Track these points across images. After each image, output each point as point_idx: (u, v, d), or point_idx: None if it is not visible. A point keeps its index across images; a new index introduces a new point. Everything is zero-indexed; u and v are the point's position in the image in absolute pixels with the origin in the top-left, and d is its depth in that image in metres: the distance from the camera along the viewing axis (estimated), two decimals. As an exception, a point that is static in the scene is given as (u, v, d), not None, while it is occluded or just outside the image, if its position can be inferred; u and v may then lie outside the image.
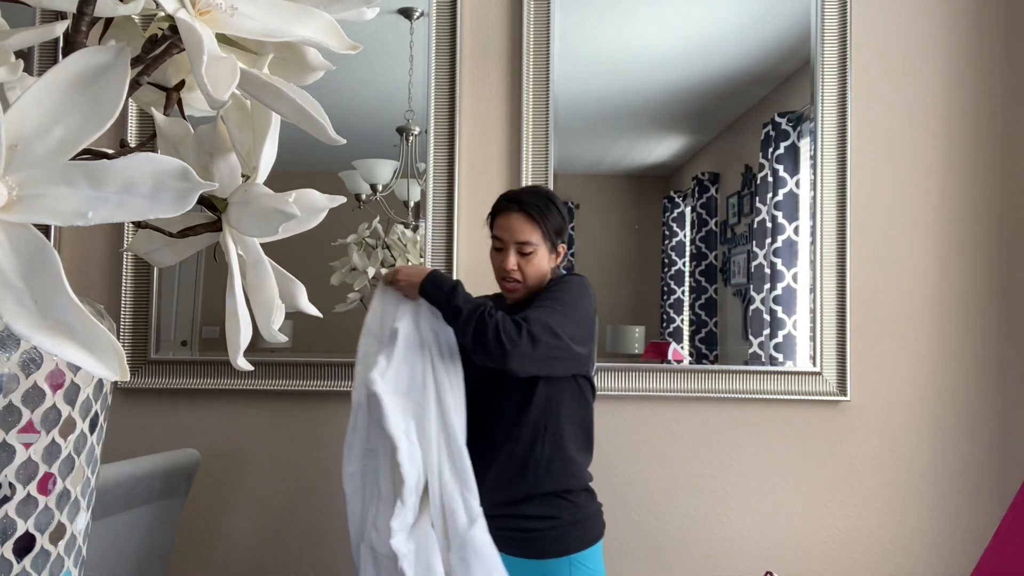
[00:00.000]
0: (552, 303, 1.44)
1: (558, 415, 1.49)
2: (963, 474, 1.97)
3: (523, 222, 1.52)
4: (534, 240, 1.52)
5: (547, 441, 1.48)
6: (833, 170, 1.97)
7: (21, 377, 0.63)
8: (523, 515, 1.47)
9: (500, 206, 1.57)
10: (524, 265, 1.53)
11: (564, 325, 1.41)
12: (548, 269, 1.56)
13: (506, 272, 1.53)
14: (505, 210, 1.54)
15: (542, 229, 1.52)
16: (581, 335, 1.46)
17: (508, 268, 1.52)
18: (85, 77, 0.48)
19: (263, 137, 0.68)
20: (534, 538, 1.46)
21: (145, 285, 1.96)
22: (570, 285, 1.50)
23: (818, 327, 1.95)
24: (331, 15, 0.62)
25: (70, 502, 0.70)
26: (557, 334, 1.39)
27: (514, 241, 1.52)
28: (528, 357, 1.36)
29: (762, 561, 1.96)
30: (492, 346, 1.34)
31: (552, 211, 1.54)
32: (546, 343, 1.37)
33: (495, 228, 1.56)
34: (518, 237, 1.52)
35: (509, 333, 1.34)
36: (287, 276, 0.74)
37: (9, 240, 0.45)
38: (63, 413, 0.67)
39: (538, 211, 1.52)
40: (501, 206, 1.56)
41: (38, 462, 0.65)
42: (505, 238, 1.53)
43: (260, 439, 1.98)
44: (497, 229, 1.55)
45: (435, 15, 1.98)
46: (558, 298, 1.46)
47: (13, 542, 0.64)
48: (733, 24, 2.01)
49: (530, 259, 1.52)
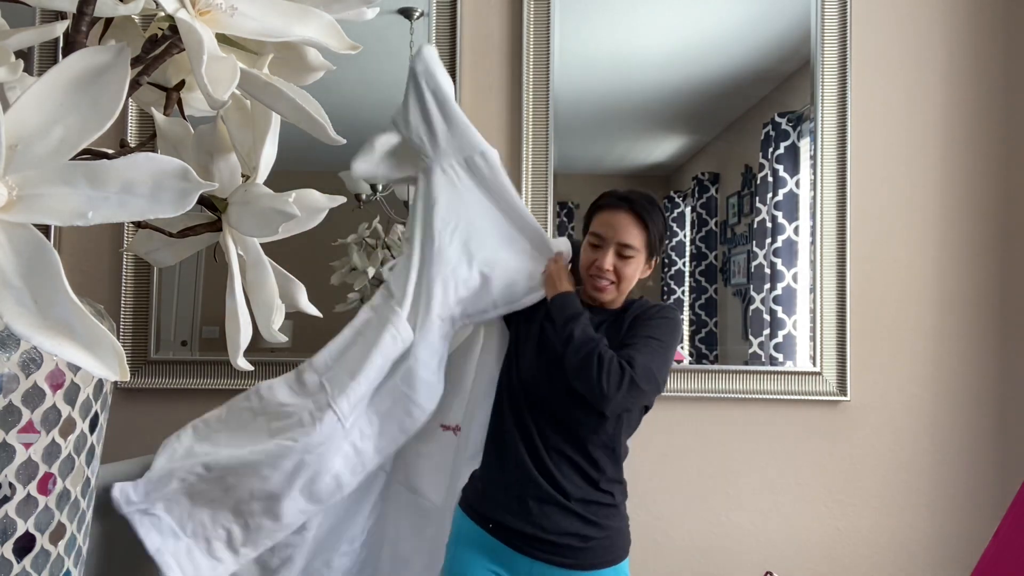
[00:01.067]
0: (657, 344, 1.38)
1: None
2: (963, 474, 1.97)
3: (631, 223, 1.44)
4: (637, 244, 1.44)
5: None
6: (833, 170, 1.97)
7: (21, 377, 0.63)
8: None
9: (607, 202, 1.49)
10: (621, 268, 1.45)
11: (663, 369, 1.38)
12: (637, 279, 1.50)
13: (602, 272, 1.45)
14: (612, 207, 1.46)
15: (647, 235, 1.45)
16: (667, 374, 1.42)
17: (605, 268, 1.44)
18: (85, 77, 0.48)
19: (263, 137, 0.68)
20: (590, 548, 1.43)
21: (145, 285, 1.96)
22: (672, 323, 1.45)
23: (818, 327, 1.95)
24: (331, 15, 0.62)
25: (70, 502, 0.70)
26: (657, 382, 1.36)
27: (616, 241, 1.44)
28: (623, 404, 1.33)
29: (762, 561, 1.96)
30: (594, 385, 1.30)
31: (658, 218, 1.47)
32: (644, 391, 1.33)
33: (596, 224, 1.48)
34: (623, 238, 1.43)
35: (612, 378, 1.30)
36: (287, 276, 0.74)
37: (9, 240, 0.45)
38: (63, 413, 0.67)
39: (648, 215, 1.45)
40: (608, 202, 1.48)
41: (38, 462, 0.65)
42: (607, 236, 1.45)
43: (260, 439, 1.98)
44: (599, 225, 1.47)
45: (435, 15, 1.98)
46: (662, 338, 1.40)
47: (13, 542, 0.64)
48: (733, 24, 2.01)
49: (628, 263, 1.45)
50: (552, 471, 1.41)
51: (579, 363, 1.33)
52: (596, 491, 1.42)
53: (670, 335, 1.42)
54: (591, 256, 1.47)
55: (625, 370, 1.31)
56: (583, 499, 1.40)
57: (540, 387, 1.44)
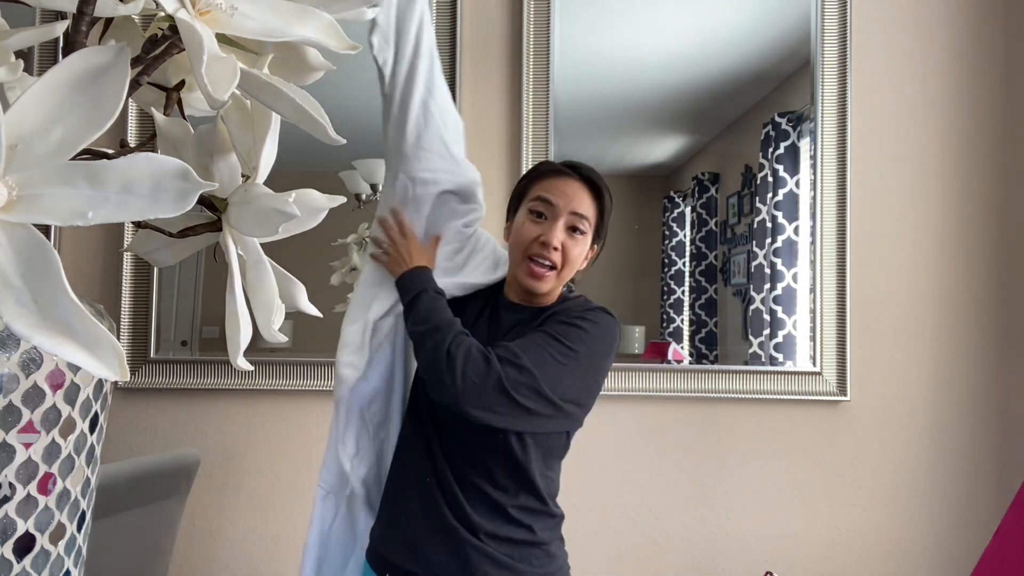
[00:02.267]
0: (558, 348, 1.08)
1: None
2: (963, 474, 1.97)
3: (584, 193, 1.19)
4: (590, 218, 1.19)
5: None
6: (833, 170, 1.97)
7: (21, 377, 0.63)
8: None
9: (550, 169, 1.23)
10: (569, 247, 1.18)
11: (562, 383, 1.07)
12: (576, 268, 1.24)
13: (547, 249, 1.16)
14: (560, 174, 1.21)
15: (599, 212, 1.21)
16: (582, 399, 1.13)
17: (553, 244, 1.16)
18: (85, 77, 0.48)
19: (263, 137, 0.68)
20: None
21: (145, 285, 1.96)
22: (594, 332, 1.13)
23: (818, 327, 1.95)
24: (331, 15, 0.62)
25: (70, 502, 0.70)
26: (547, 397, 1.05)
27: (570, 210, 1.17)
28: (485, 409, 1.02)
29: (762, 561, 1.96)
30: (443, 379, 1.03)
31: (609, 195, 1.23)
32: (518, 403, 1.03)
33: (540, 189, 1.20)
34: (576, 207, 1.17)
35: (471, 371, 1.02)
36: (287, 276, 0.74)
37: (9, 240, 0.45)
38: (63, 413, 0.67)
39: (601, 185, 1.21)
40: (553, 169, 1.22)
41: (38, 462, 0.65)
42: (559, 204, 1.17)
43: (260, 439, 1.98)
44: (546, 190, 1.19)
45: (435, 15, 1.98)
46: (570, 346, 1.09)
47: (13, 542, 0.64)
48: (733, 24, 2.01)
49: (577, 243, 1.19)
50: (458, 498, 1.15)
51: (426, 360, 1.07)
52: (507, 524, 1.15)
53: (586, 345, 1.11)
54: (533, 230, 1.18)
55: (492, 367, 1.03)
56: (492, 534, 1.13)
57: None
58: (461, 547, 1.13)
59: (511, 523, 1.15)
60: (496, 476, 1.15)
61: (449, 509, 1.15)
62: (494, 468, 1.15)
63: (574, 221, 1.18)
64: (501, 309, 1.26)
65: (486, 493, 1.15)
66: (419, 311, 1.15)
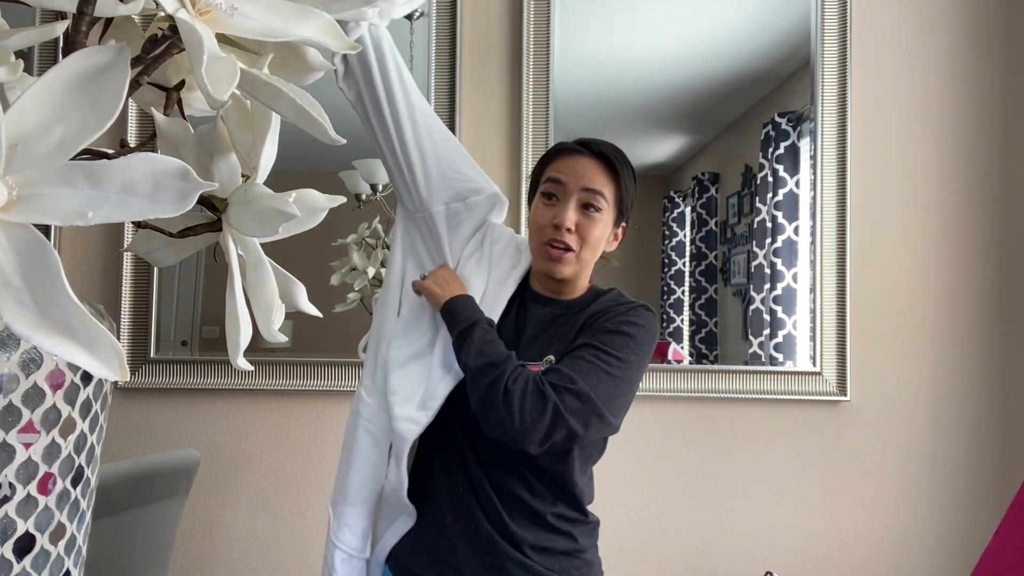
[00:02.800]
0: (609, 362, 1.03)
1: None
2: (963, 474, 1.97)
3: (598, 169, 1.12)
4: (606, 194, 1.12)
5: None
6: (833, 170, 1.97)
7: (21, 377, 0.63)
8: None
9: (562, 148, 1.17)
10: (585, 227, 1.11)
11: (617, 399, 1.04)
12: (601, 251, 1.17)
13: (559, 232, 1.10)
14: (571, 152, 1.15)
15: (616, 186, 1.13)
16: (628, 405, 1.09)
17: (566, 225, 1.10)
18: (85, 77, 0.48)
19: (263, 137, 0.68)
20: None
21: (145, 285, 1.96)
22: (641, 338, 1.08)
23: (818, 327, 1.95)
24: (331, 15, 0.62)
25: (70, 502, 0.70)
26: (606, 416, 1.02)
27: (580, 188, 1.11)
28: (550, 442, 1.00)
29: (762, 561, 1.96)
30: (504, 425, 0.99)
31: (629, 169, 1.15)
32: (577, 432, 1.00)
33: (552, 170, 1.15)
34: (588, 183, 1.11)
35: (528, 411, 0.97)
36: (287, 276, 0.74)
37: (9, 240, 0.45)
38: (63, 413, 0.67)
39: (617, 161, 1.13)
40: (564, 148, 1.16)
41: (38, 462, 0.65)
42: (568, 182, 1.11)
43: (260, 439, 1.98)
44: (555, 170, 1.14)
45: (435, 15, 1.98)
46: (621, 357, 1.04)
47: (13, 542, 0.64)
48: (733, 24, 2.01)
49: (594, 222, 1.11)
50: (497, 508, 1.10)
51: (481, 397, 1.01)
52: (547, 533, 1.12)
53: (635, 352, 1.07)
54: (545, 214, 1.13)
55: (549, 399, 0.98)
56: (533, 545, 1.10)
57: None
58: (500, 560, 1.09)
59: (551, 532, 1.12)
60: (534, 485, 1.11)
61: (488, 520, 1.10)
62: (532, 478, 1.11)
63: (587, 198, 1.11)
64: (529, 302, 1.19)
65: (524, 501, 1.10)
66: (473, 343, 1.06)
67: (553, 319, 1.16)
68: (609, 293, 1.18)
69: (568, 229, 1.10)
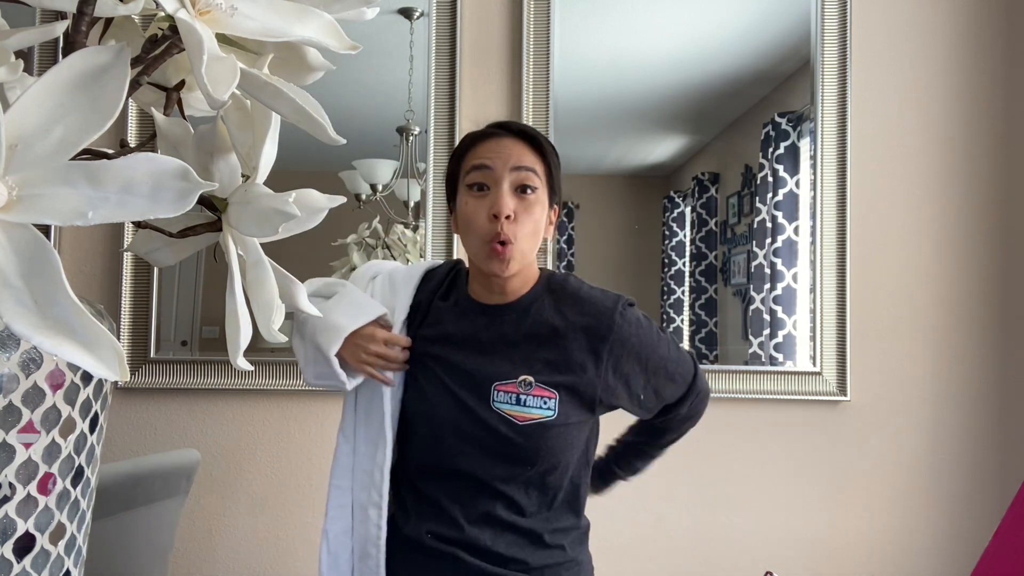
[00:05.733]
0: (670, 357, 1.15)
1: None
2: (963, 474, 1.97)
3: (523, 147, 1.05)
4: (539, 171, 1.04)
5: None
6: (833, 170, 1.97)
7: (21, 377, 0.63)
8: None
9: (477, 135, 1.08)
10: (522, 214, 1.02)
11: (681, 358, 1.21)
12: (543, 238, 1.09)
13: (498, 223, 1.01)
14: (489, 136, 1.06)
15: (545, 163, 1.06)
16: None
17: (505, 212, 1.00)
18: (85, 77, 0.48)
19: (263, 137, 0.68)
20: None
21: (145, 285, 1.96)
22: (658, 332, 1.14)
23: (818, 327, 1.95)
24: (331, 15, 0.62)
25: (70, 502, 0.70)
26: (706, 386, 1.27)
27: (511, 167, 1.02)
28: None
29: (762, 561, 1.96)
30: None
31: (550, 148, 1.09)
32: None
33: (473, 157, 1.05)
34: (517, 161, 1.03)
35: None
36: (287, 276, 0.74)
37: (9, 240, 0.45)
38: (63, 413, 0.67)
39: (540, 137, 1.07)
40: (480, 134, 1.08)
41: (38, 462, 0.65)
42: (496, 165, 1.02)
43: (260, 439, 1.98)
44: (477, 156, 1.05)
45: (435, 15, 1.98)
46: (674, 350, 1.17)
47: (13, 542, 0.64)
48: (733, 24, 2.01)
49: (531, 205, 1.03)
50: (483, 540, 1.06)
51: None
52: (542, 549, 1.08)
53: (669, 342, 1.16)
54: (479, 207, 1.03)
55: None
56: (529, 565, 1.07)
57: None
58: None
59: (544, 548, 1.09)
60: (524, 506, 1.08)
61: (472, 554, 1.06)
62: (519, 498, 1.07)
63: (520, 178, 1.02)
64: (475, 315, 1.10)
65: (515, 525, 1.07)
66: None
67: (514, 328, 1.08)
68: (567, 285, 1.11)
69: (508, 216, 1.01)
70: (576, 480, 1.12)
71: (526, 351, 1.06)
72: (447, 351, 1.09)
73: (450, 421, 1.06)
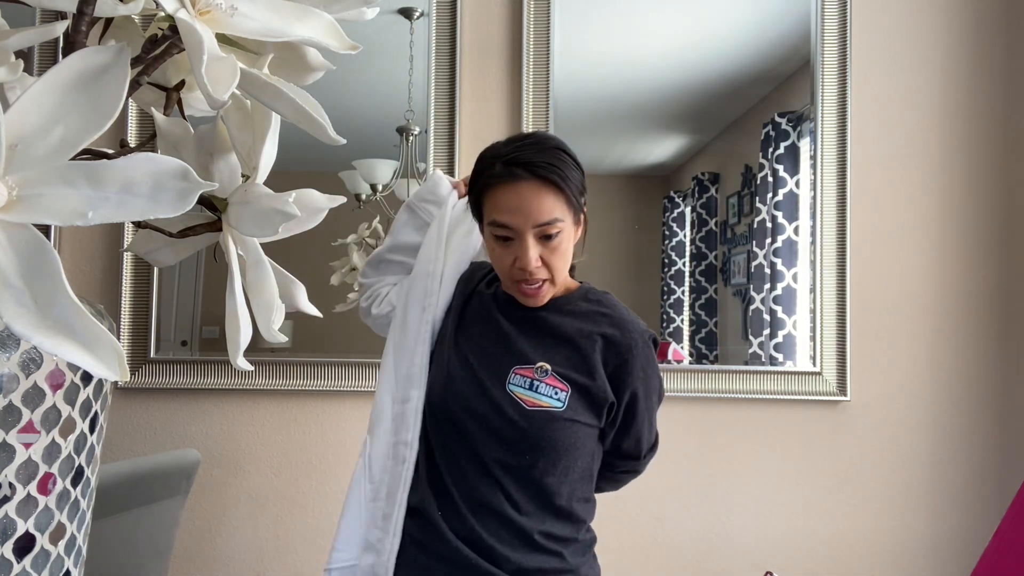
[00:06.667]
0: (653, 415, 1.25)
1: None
2: (963, 474, 1.97)
3: (543, 194, 1.02)
4: (559, 216, 1.03)
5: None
6: (833, 170, 1.97)
7: (21, 377, 0.63)
8: None
9: (495, 179, 1.05)
10: (550, 257, 1.05)
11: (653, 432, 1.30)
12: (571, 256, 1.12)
13: (527, 274, 1.04)
14: (509, 179, 1.03)
15: (567, 196, 1.04)
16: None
17: (531, 267, 1.03)
18: (85, 77, 0.48)
19: (263, 137, 0.68)
20: None
21: (145, 285, 1.96)
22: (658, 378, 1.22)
23: (818, 327, 1.95)
24: (331, 15, 0.62)
25: (70, 502, 0.70)
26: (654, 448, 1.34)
27: (532, 226, 1.02)
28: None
29: (762, 561, 1.96)
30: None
31: (569, 164, 1.05)
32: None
33: (493, 209, 1.05)
34: (538, 218, 1.02)
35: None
36: (287, 276, 0.74)
37: (9, 240, 0.45)
38: (63, 413, 0.67)
39: (558, 173, 1.03)
40: (499, 175, 1.04)
41: (38, 462, 0.65)
42: (517, 226, 1.03)
43: (260, 439, 1.98)
44: (496, 213, 1.04)
45: (435, 15, 1.98)
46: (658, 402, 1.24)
47: (13, 542, 0.64)
48: (733, 24, 2.01)
49: (557, 246, 1.04)
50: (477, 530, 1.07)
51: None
52: (535, 553, 1.08)
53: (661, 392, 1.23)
54: (506, 257, 1.06)
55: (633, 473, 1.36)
56: (520, 567, 1.07)
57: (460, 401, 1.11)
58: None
59: (538, 551, 1.09)
60: (520, 503, 1.09)
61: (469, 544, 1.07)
62: (516, 494, 1.09)
63: (542, 231, 1.03)
64: (510, 310, 1.16)
65: (510, 519, 1.08)
66: None
67: (544, 324, 1.13)
68: (604, 299, 1.16)
69: (536, 268, 1.04)
70: (575, 491, 1.14)
71: (550, 344, 1.12)
72: (478, 332, 1.16)
73: (461, 394, 1.10)
